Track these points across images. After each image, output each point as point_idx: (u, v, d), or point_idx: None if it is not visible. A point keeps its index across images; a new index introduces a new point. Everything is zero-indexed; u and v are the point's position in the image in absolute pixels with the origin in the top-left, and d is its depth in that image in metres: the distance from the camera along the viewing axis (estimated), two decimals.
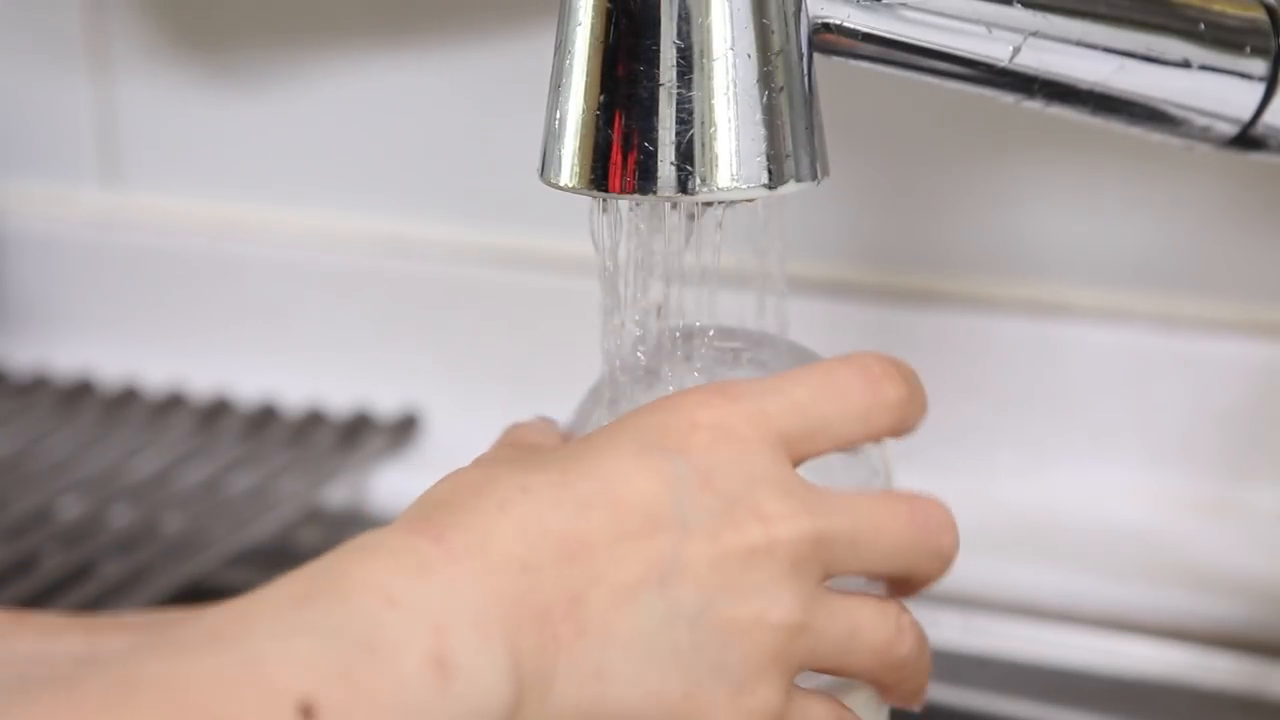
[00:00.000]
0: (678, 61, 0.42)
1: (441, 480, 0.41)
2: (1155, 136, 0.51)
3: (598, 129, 0.43)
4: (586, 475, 0.40)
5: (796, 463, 0.42)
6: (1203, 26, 0.49)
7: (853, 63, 0.45)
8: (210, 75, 0.90)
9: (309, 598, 0.36)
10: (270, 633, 0.35)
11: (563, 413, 0.49)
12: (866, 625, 0.42)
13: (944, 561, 0.44)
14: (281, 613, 0.35)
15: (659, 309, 0.46)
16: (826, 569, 0.41)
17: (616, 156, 0.42)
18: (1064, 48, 0.47)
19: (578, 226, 0.46)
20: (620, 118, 0.42)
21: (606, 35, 0.42)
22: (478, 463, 0.44)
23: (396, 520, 0.40)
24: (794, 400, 0.42)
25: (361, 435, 0.85)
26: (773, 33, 0.42)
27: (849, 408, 0.43)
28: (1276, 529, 0.73)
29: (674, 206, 0.44)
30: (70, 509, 0.79)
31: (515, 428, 0.48)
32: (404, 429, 0.86)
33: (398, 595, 0.36)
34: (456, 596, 0.37)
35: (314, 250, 0.89)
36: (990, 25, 0.45)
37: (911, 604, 0.45)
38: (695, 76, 0.42)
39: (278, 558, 0.78)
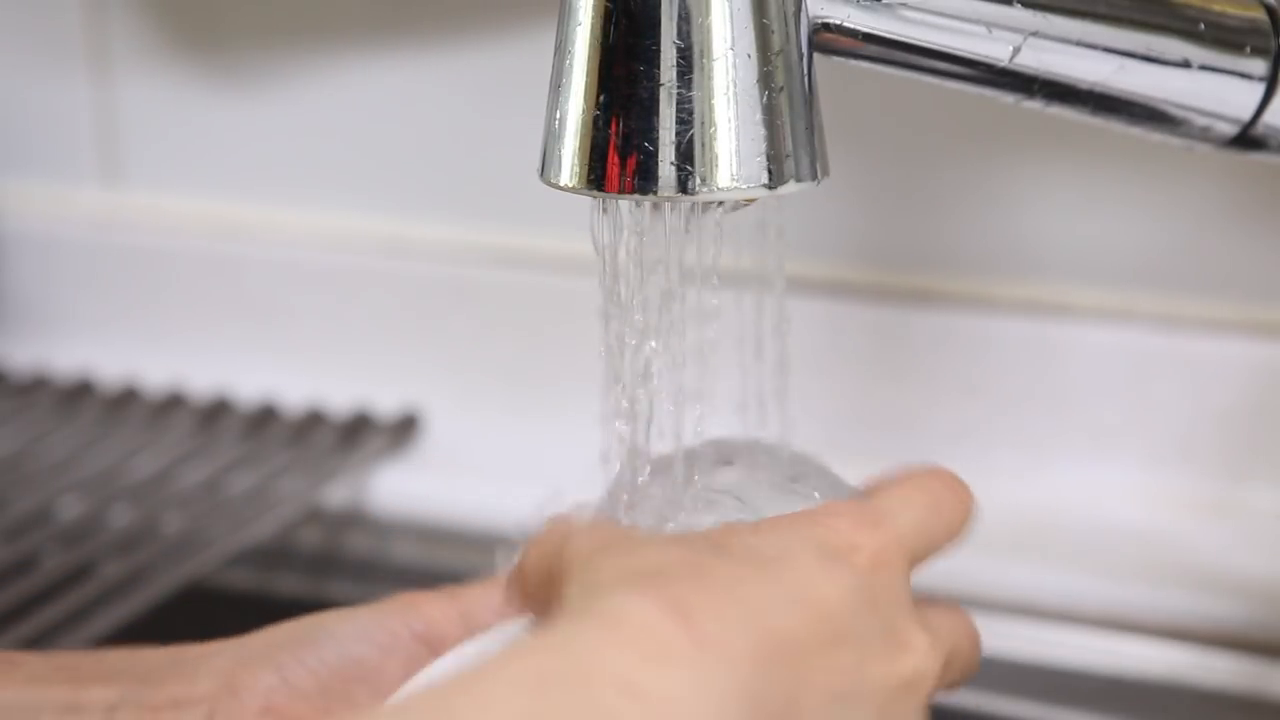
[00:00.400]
0: (678, 61, 0.42)
1: (640, 549, 0.40)
2: (1155, 136, 0.51)
3: (597, 129, 0.43)
4: (783, 572, 0.39)
5: None
6: (1203, 26, 0.49)
7: (853, 63, 0.45)
8: (210, 75, 0.90)
9: (548, 682, 0.34)
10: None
11: (563, 412, 0.49)
12: None
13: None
14: (518, 696, 0.34)
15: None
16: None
17: (616, 157, 0.42)
18: (1064, 48, 0.47)
19: (578, 226, 0.46)
20: (620, 118, 0.42)
21: (606, 35, 0.42)
22: (644, 545, 0.41)
23: (628, 576, 0.38)
24: (916, 524, 0.43)
25: (361, 435, 0.85)
26: (773, 33, 0.42)
27: (947, 523, 0.44)
28: (1276, 529, 0.73)
29: (674, 207, 0.44)
30: (70, 509, 0.79)
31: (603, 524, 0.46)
32: (404, 429, 0.86)
33: (641, 686, 0.35)
34: (701, 693, 0.35)
35: (314, 250, 0.89)
36: (990, 25, 0.45)
37: None
38: (695, 76, 0.42)
39: (278, 558, 0.78)
